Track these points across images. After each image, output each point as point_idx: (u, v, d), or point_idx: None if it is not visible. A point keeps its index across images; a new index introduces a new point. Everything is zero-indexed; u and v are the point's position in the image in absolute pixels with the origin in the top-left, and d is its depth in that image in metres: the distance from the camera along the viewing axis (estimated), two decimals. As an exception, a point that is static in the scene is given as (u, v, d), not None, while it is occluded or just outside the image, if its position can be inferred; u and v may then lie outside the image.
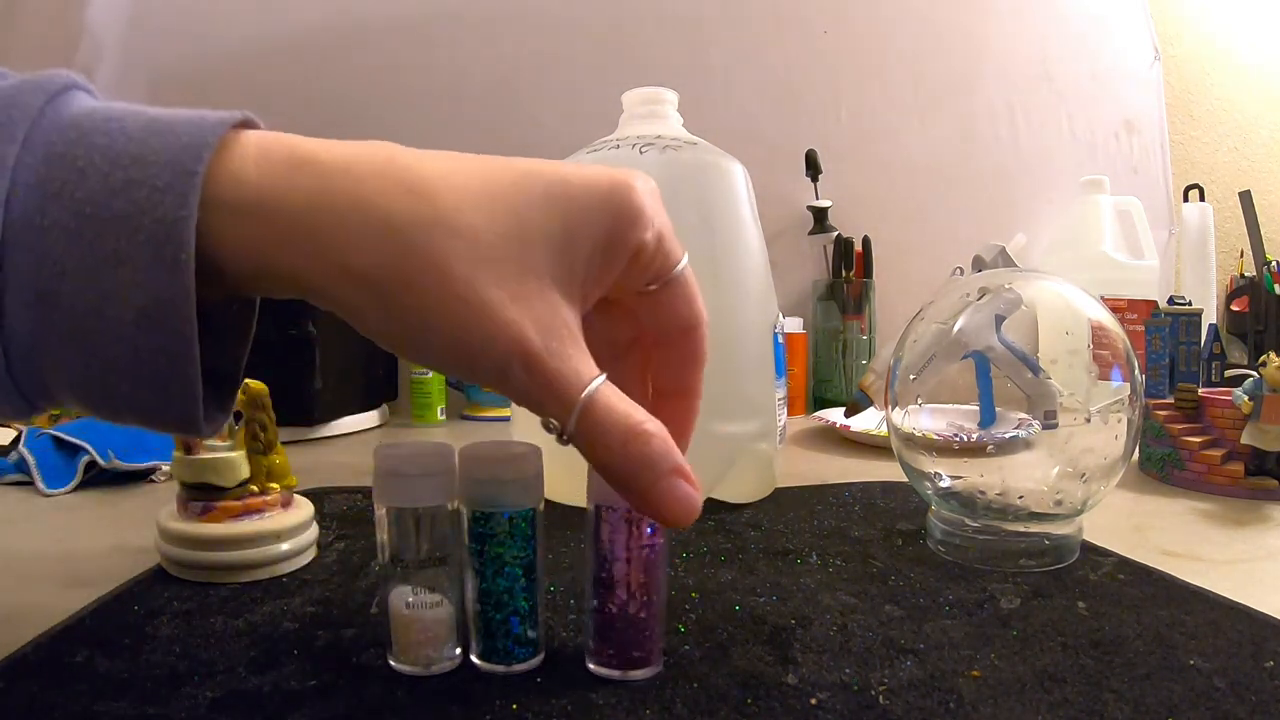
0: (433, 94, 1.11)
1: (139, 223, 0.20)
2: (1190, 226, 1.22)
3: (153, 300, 0.20)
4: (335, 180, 0.22)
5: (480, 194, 0.23)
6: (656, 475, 0.25)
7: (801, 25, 1.17)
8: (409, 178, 0.22)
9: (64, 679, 0.28)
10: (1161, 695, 0.27)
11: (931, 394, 0.44)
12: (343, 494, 0.55)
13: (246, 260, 0.22)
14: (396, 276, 0.22)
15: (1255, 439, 0.55)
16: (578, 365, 0.24)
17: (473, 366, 0.23)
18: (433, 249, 0.22)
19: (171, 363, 0.21)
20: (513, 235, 0.23)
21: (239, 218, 0.21)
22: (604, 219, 0.24)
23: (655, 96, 0.56)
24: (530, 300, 0.23)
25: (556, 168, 0.25)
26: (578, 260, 0.24)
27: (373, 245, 0.21)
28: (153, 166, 0.20)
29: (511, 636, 0.29)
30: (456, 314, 0.22)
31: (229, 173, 0.21)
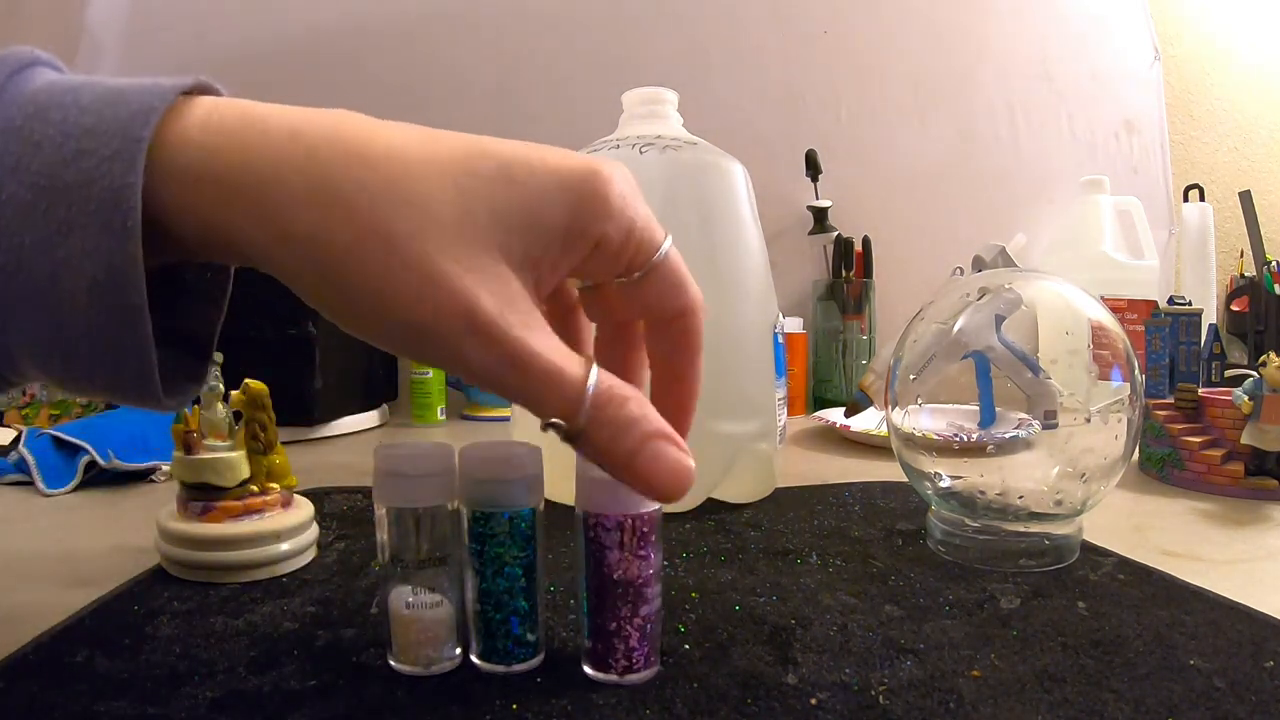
0: (432, 94, 1.11)
1: (89, 191, 0.20)
2: (1190, 226, 1.22)
3: (104, 268, 0.20)
4: (282, 145, 0.21)
5: (431, 165, 0.22)
6: (641, 436, 0.24)
7: (801, 25, 1.17)
8: (357, 145, 0.22)
9: (64, 679, 0.28)
10: (1161, 695, 0.27)
11: (931, 394, 0.44)
12: (343, 494, 0.55)
13: (194, 225, 0.21)
14: (339, 243, 0.21)
15: (1255, 439, 0.55)
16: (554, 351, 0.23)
17: (421, 341, 0.22)
18: (377, 216, 0.21)
19: (124, 331, 0.21)
20: (462, 207, 0.22)
21: (186, 182, 0.21)
22: (564, 206, 0.23)
23: (655, 96, 0.56)
24: (475, 268, 0.22)
25: (521, 148, 0.24)
26: (533, 243, 0.23)
27: (315, 210, 0.21)
28: (103, 136, 0.20)
29: (511, 637, 0.29)
30: (403, 283, 0.21)
31: (176, 137, 0.21)
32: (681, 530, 0.47)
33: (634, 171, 0.55)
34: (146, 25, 1.09)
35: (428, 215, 0.22)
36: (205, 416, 0.40)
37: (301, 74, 1.09)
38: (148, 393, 0.22)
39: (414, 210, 0.22)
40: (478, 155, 0.23)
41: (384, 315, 0.22)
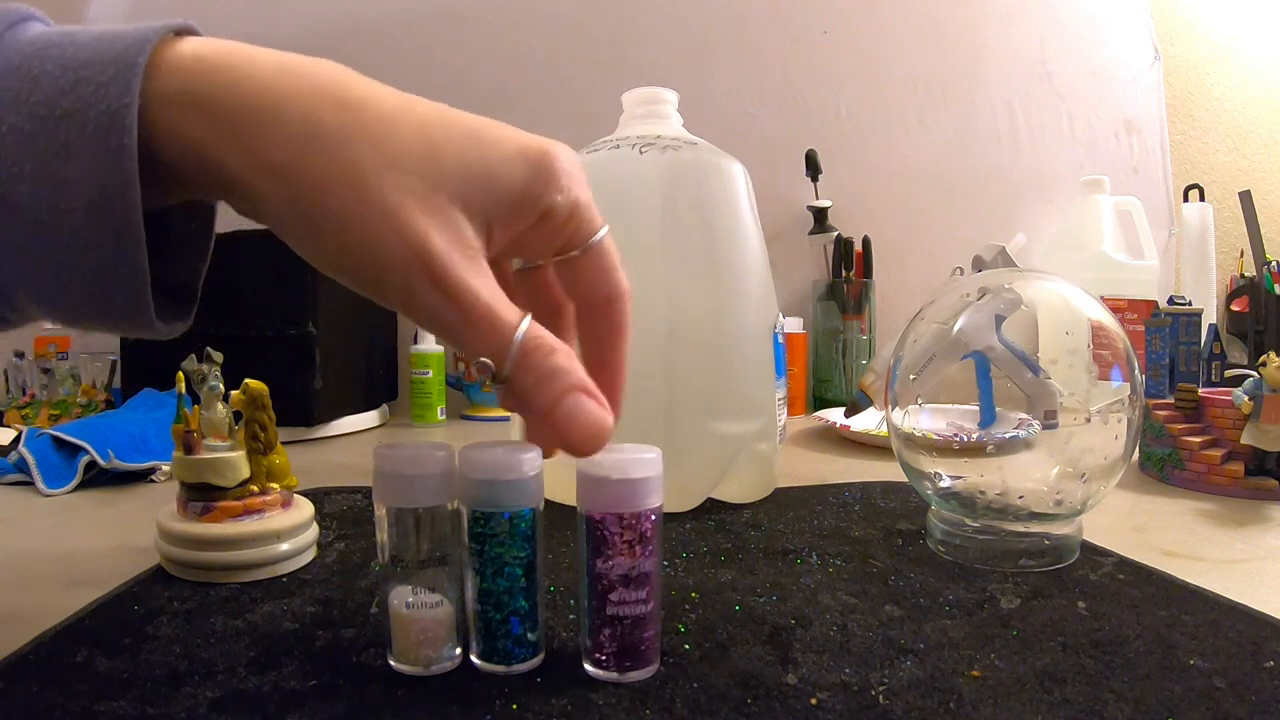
0: (432, 94, 1.10)
1: (86, 116, 0.21)
2: (1190, 226, 1.22)
3: (100, 189, 0.21)
4: (268, 79, 0.23)
5: (407, 116, 0.24)
6: (563, 387, 0.25)
7: (801, 25, 1.17)
8: (340, 91, 0.23)
9: (64, 679, 0.28)
10: (1161, 695, 0.27)
11: (931, 394, 0.44)
12: (343, 494, 0.55)
13: (182, 151, 0.22)
14: (311, 174, 0.22)
15: (1255, 439, 0.55)
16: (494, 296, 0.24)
17: (376, 273, 0.24)
18: (348, 152, 0.23)
19: (120, 248, 0.22)
20: (429, 154, 0.24)
21: (176, 109, 0.22)
22: (521, 170, 0.25)
23: (655, 96, 0.56)
24: (435, 211, 0.24)
25: (487, 120, 0.26)
26: (490, 199, 0.25)
27: (292, 142, 0.22)
28: (99, 66, 0.21)
29: (511, 637, 0.29)
30: (364, 217, 0.23)
31: (169, 65, 0.22)
32: (681, 530, 0.47)
33: (634, 171, 0.55)
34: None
35: (396, 158, 0.23)
36: (205, 416, 0.40)
37: (301, 74, 1.09)
38: (140, 310, 0.23)
39: (384, 151, 0.23)
40: (450, 116, 0.25)
41: (345, 246, 0.23)
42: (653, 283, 0.50)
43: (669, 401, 0.50)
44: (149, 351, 0.80)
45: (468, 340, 0.25)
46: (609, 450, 0.28)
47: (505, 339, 0.24)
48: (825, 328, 1.09)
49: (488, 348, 0.25)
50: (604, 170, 0.53)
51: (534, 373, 0.25)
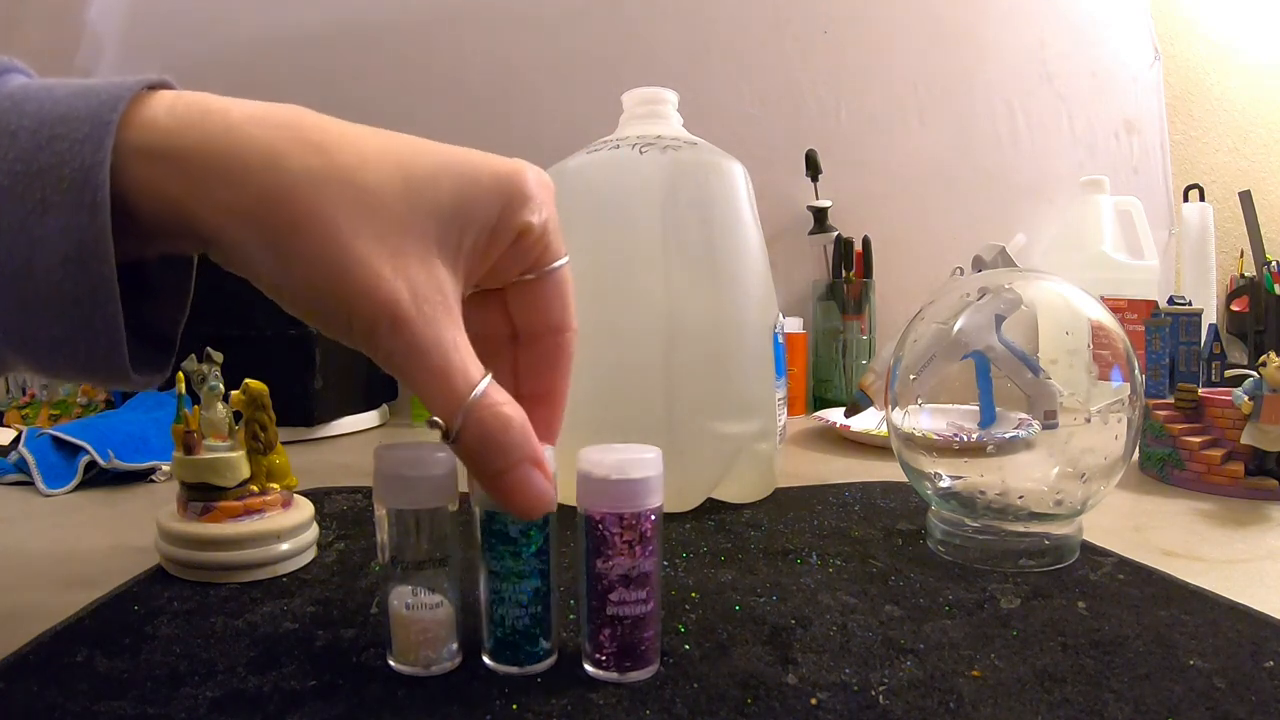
0: (432, 94, 1.11)
1: (61, 172, 0.21)
2: (1190, 226, 1.22)
3: (75, 246, 0.21)
4: (240, 128, 0.23)
5: (379, 157, 0.24)
6: (510, 462, 0.25)
7: (801, 25, 1.17)
8: (311, 135, 0.23)
9: (64, 679, 0.28)
10: (1161, 695, 0.27)
11: (931, 394, 0.44)
12: (343, 494, 0.55)
13: (158, 205, 0.23)
14: (283, 220, 0.23)
15: (1255, 439, 0.55)
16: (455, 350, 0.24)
17: (344, 320, 0.24)
18: (320, 197, 0.23)
19: (95, 304, 0.22)
20: (403, 197, 0.24)
21: (150, 162, 0.22)
22: (496, 197, 0.26)
23: (655, 96, 0.56)
24: (407, 261, 0.24)
25: (457, 149, 0.26)
26: (466, 233, 0.25)
27: (264, 190, 0.22)
28: (74, 122, 0.22)
29: (526, 637, 0.29)
30: (335, 262, 0.23)
31: (142, 121, 0.22)
32: (681, 530, 0.47)
33: (634, 171, 0.55)
34: (146, 25, 1.09)
35: (369, 203, 0.23)
36: (205, 417, 0.40)
37: (301, 73, 1.09)
38: (115, 364, 0.23)
39: (356, 197, 0.23)
40: (422, 152, 0.25)
41: (314, 292, 0.24)
42: (653, 283, 0.50)
43: (669, 401, 0.50)
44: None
45: (422, 392, 0.25)
46: (609, 450, 0.28)
47: (457, 401, 0.24)
48: (825, 328, 1.09)
49: (439, 404, 0.25)
50: (604, 170, 0.53)
51: (485, 443, 0.25)
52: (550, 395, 0.30)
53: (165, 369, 0.27)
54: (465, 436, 0.25)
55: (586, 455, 0.28)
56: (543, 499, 0.26)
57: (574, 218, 0.53)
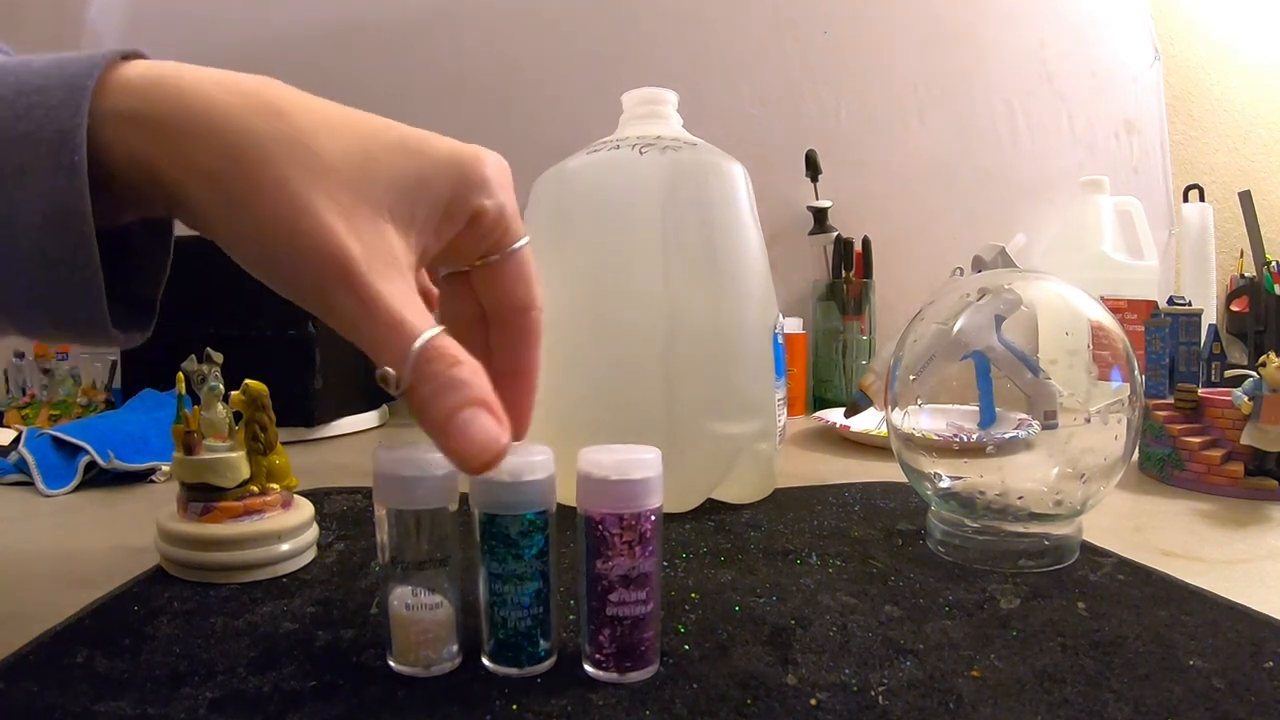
0: (432, 94, 1.11)
1: (40, 137, 0.22)
2: (1190, 226, 1.22)
3: (55, 206, 0.22)
4: (208, 94, 0.24)
5: (339, 126, 0.25)
6: (460, 401, 0.24)
7: (801, 25, 1.17)
8: (275, 102, 0.24)
9: (64, 679, 0.28)
10: (1161, 695, 0.27)
11: (931, 394, 0.44)
12: (343, 494, 0.55)
13: (131, 166, 0.24)
14: (241, 179, 0.23)
15: (1255, 439, 0.55)
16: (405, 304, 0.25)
17: (298, 276, 0.24)
18: (277, 157, 0.24)
19: (76, 261, 0.23)
20: (358, 164, 0.25)
21: (123, 125, 0.23)
22: (451, 176, 0.26)
23: (655, 97, 0.56)
24: (360, 222, 0.24)
25: (417, 130, 0.27)
26: (419, 206, 0.26)
27: (226, 149, 0.23)
28: (52, 90, 0.23)
29: (526, 639, 0.29)
30: (287, 219, 0.24)
31: (116, 86, 0.23)
32: (681, 530, 0.47)
33: (634, 172, 0.55)
34: (146, 25, 1.09)
35: (325, 166, 0.24)
36: (205, 417, 0.40)
37: (301, 73, 1.08)
38: (97, 320, 0.24)
39: (314, 159, 0.24)
40: (383, 127, 0.26)
41: (268, 248, 0.24)
42: (653, 283, 0.50)
43: (669, 401, 0.50)
44: (149, 352, 0.80)
45: (373, 345, 0.25)
46: (609, 451, 0.28)
47: (406, 345, 0.24)
48: (825, 328, 1.09)
49: (390, 354, 0.25)
50: (604, 170, 0.53)
51: (433, 382, 0.24)
52: (522, 372, 0.31)
53: (147, 330, 0.28)
54: (415, 381, 0.24)
55: (586, 456, 0.28)
56: (493, 442, 0.25)
57: (574, 218, 0.54)
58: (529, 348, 0.31)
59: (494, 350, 0.31)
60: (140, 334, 0.28)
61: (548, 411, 0.54)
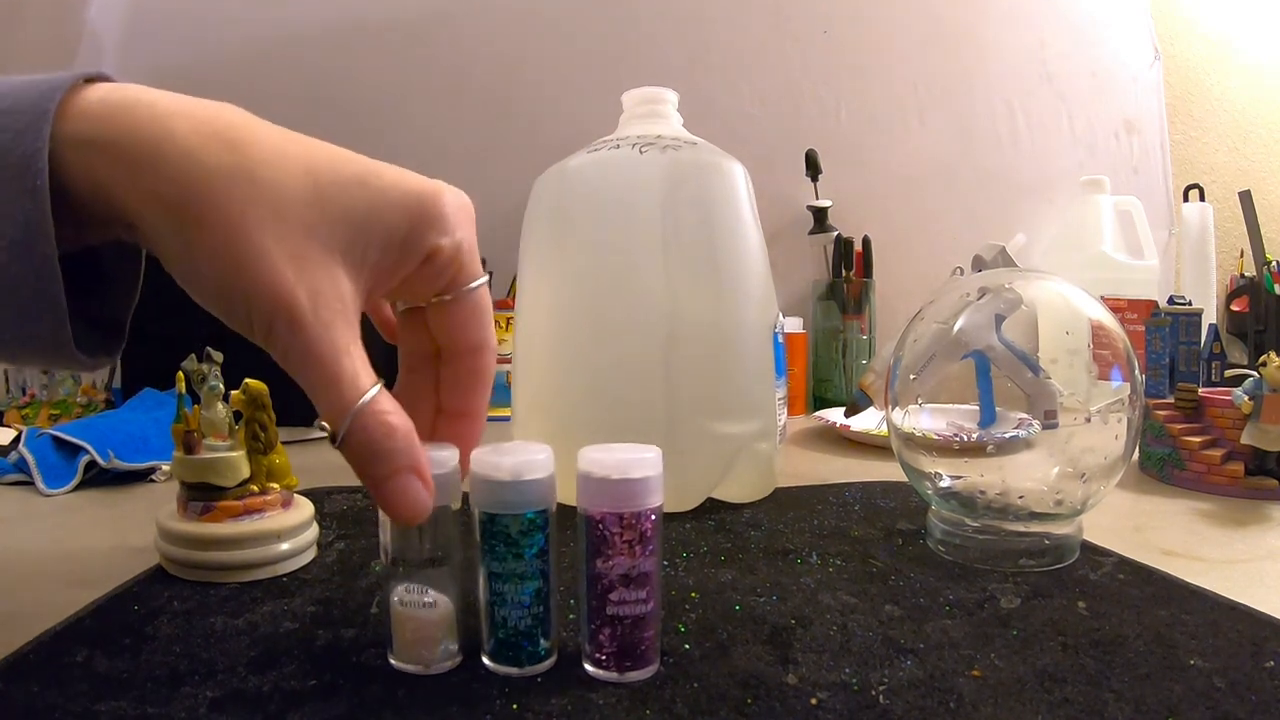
0: (432, 94, 1.11)
1: (6, 160, 0.22)
2: (1190, 226, 1.22)
3: (20, 229, 0.23)
4: (163, 121, 0.24)
5: (294, 161, 0.25)
6: (391, 470, 0.26)
7: (801, 25, 1.17)
8: (230, 133, 0.24)
9: (64, 679, 0.28)
10: (1162, 695, 0.27)
11: (931, 394, 0.44)
12: (343, 494, 0.55)
13: (92, 191, 0.24)
14: (192, 211, 0.23)
15: (1255, 439, 0.55)
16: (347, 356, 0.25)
17: (247, 314, 0.24)
18: (229, 193, 0.24)
19: (39, 284, 0.23)
20: (310, 202, 0.25)
21: (83, 150, 0.23)
22: (408, 213, 0.26)
23: (655, 96, 0.56)
24: (308, 264, 0.24)
25: (376, 163, 0.27)
26: (372, 243, 0.26)
27: (178, 179, 0.23)
28: (15, 114, 0.23)
29: (526, 638, 0.29)
30: (234, 256, 0.24)
31: (77, 111, 0.24)
32: (681, 530, 0.47)
33: (634, 171, 0.55)
34: (146, 25, 1.09)
35: (276, 203, 0.24)
36: (205, 416, 0.40)
37: (301, 73, 1.09)
38: (60, 342, 0.24)
39: (265, 196, 0.24)
40: (339, 160, 0.26)
41: (217, 284, 0.24)
42: (653, 282, 0.50)
43: (669, 401, 0.50)
44: (149, 351, 0.80)
45: (312, 393, 0.25)
46: (609, 450, 0.28)
47: (346, 406, 0.25)
48: (825, 328, 1.09)
49: (328, 408, 0.25)
50: (604, 170, 0.53)
51: (367, 449, 0.25)
52: (470, 413, 0.31)
53: (114, 353, 0.29)
54: (350, 441, 0.25)
55: (586, 455, 0.28)
56: (419, 507, 0.26)
57: (574, 217, 0.54)
58: (478, 390, 0.31)
59: (444, 387, 0.31)
60: (107, 357, 0.28)
61: (548, 411, 0.55)
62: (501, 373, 1.00)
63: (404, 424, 0.26)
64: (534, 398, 0.55)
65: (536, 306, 0.55)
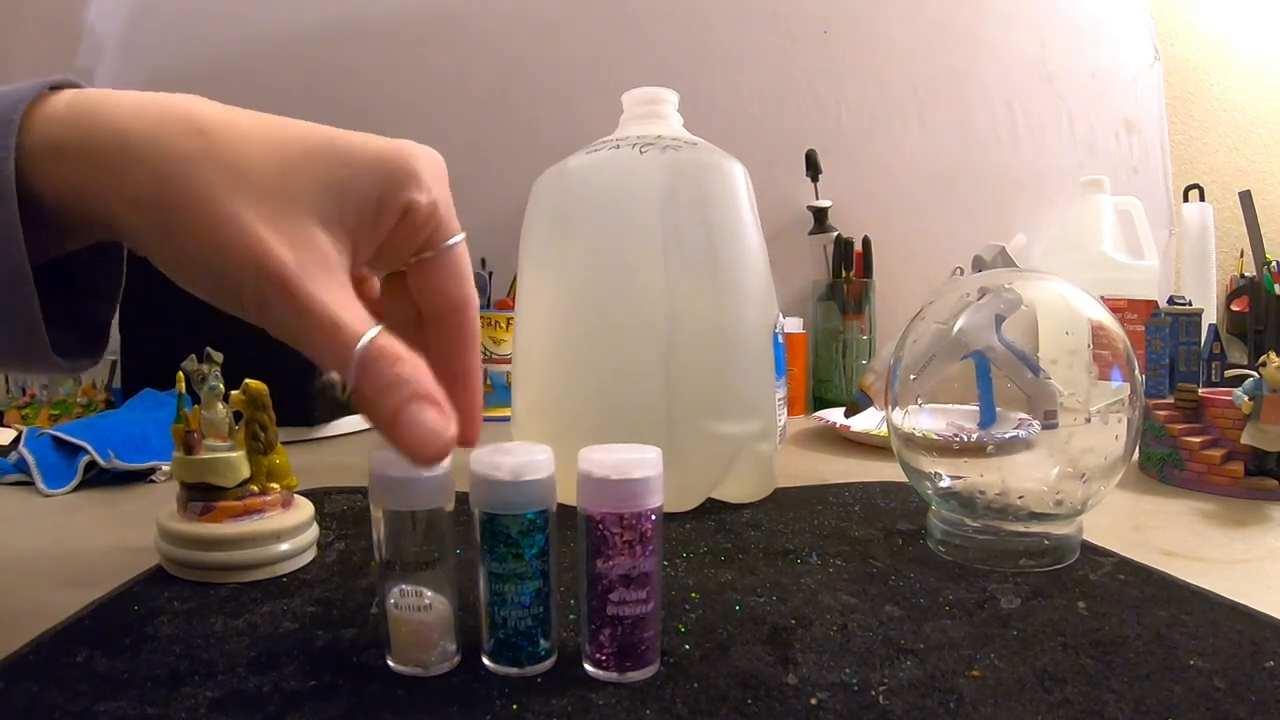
0: (433, 94, 1.11)
1: None
2: (1190, 226, 1.22)
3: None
4: (126, 121, 0.24)
5: (258, 136, 0.25)
6: (405, 396, 0.25)
7: (801, 25, 1.17)
8: (195, 120, 0.25)
9: (64, 679, 0.28)
10: (1161, 695, 0.27)
11: (931, 394, 0.44)
12: (343, 494, 0.55)
13: (63, 196, 0.24)
14: (167, 200, 0.24)
15: (1255, 439, 0.55)
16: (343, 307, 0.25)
17: (233, 289, 0.24)
18: (200, 175, 0.24)
19: (12, 290, 0.23)
20: (279, 170, 0.25)
21: (50, 156, 0.24)
22: (378, 173, 0.26)
23: (655, 96, 0.56)
24: (288, 228, 0.25)
25: (343, 131, 0.27)
26: (348, 205, 0.26)
27: (150, 172, 0.24)
28: None
29: (527, 638, 0.29)
30: (213, 232, 0.24)
31: (43, 118, 0.24)
32: (681, 530, 0.47)
33: (634, 171, 0.55)
34: (146, 25, 1.09)
35: (246, 177, 0.24)
36: (205, 416, 0.40)
37: (302, 73, 1.09)
38: (35, 347, 0.24)
39: (234, 172, 0.24)
40: (304, 131, 0.26)
41: (202, 266, 0.24)
42: (653, 282, 0.50)
43: (669, 401, 0.50)
44: (149, 351, 0.80)
45: (314, 351, 0.25)
46: (609, 450, 0.28)
47: (349, 349, 0.25)
48: (825, 328, 1.09)
49: (333, 358, 0.25)
50: (604, 170, 0.53)
51: (376, 382, 0.25)
52: (464, 375, 0.30)
53: (96, 356, 0.29)
54: (360, 382, 0.25)
55: (587, 455, 0.28)
56: (438, 433, 0.25)
57: (574, 217, 0.54)
58: (467, 348, 0.30)
59: (433, 353, 0.30)
60: (89, 360, 0.28)
61: (548, 411, 0.55)
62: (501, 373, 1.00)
63: (411, 355, 0.26)
64: (534, 398, 0.55)
65: (537, 307, 0.55)
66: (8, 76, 0.24)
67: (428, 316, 0.30)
